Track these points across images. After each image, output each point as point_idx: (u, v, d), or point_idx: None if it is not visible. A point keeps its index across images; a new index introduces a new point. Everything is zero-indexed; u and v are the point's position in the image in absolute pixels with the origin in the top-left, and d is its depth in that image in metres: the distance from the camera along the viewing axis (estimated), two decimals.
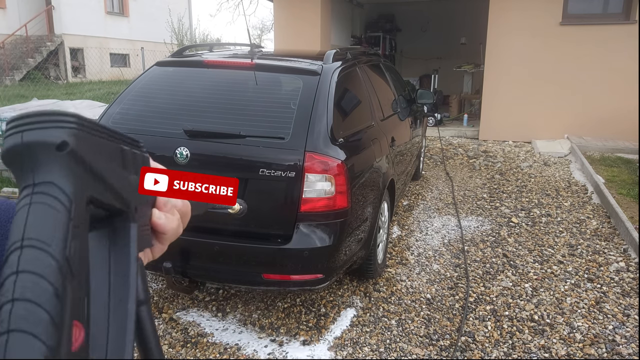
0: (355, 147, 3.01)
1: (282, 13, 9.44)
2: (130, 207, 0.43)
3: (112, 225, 0.42)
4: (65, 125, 0.36)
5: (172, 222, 0.51)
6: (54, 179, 0.35)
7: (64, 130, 0.35)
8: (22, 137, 0.35)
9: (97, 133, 0.39)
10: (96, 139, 0.39)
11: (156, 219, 0.50)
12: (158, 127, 2.90)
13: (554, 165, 6.72)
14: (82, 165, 0.36)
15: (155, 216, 0.50)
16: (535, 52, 7.92)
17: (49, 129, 0.35)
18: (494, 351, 2.76)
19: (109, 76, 18.64)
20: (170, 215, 0.52)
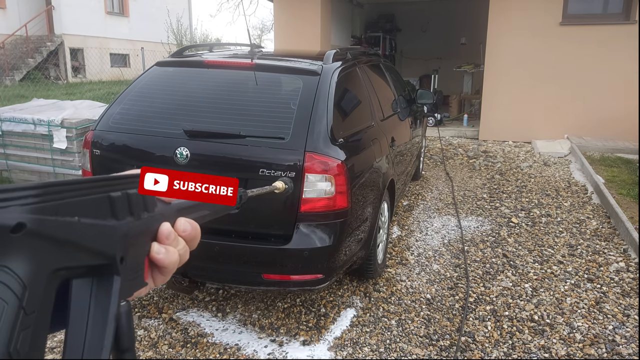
0: (355, 147, 3.01)
1: (282, 13, 9.44)
2: (113, 259, 0.41)
3: (96, 274, 0.41)
4: (23, 203, 0.34)
5: (172, 256, 0.49)
6: (8, 263, 0.33)
7: (22, 209, 0.34)
8: None
9: (70, 194, 0.37)
10: (69, 201, 0.37)
11: (154, 254, 0.48)
12: (158, 127, 2.90)
13: (554, 166, 6.72)
14: (45, 240, 0.35)
15: (153, 251, 0.48)
16: (535, 52, 7.93)
17: (3, 209, 0.33)
18: (494, 351, 2.76)
19: (109, 76, 18.64)
20: (172, 247, 0.49)
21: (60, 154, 5.32)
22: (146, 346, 2.82)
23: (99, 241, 0.40)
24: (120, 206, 0.42)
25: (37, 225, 0.34)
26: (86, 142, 3.01)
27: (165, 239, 0.49)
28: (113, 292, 0.41)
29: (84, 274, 0.40)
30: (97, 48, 18.52)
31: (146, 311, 3.13)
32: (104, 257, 0.41)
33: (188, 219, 0.53)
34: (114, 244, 0.42)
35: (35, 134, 5.33)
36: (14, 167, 5.65)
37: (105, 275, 0.41)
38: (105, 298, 0.41)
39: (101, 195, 0.41)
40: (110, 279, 0.41)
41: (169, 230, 0.50)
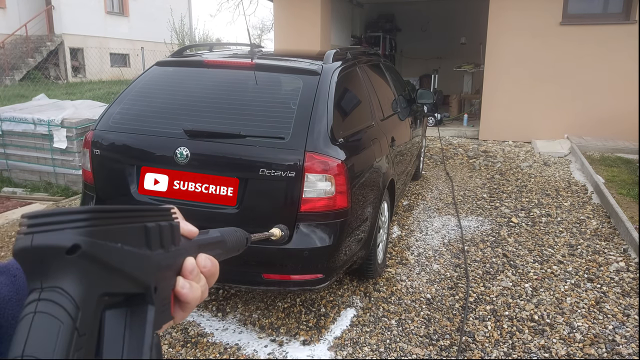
0: (355, 147, 3.01)
1: (282, 13, 9.44)
2: (149, 289, 0.42)
3: (131, 305, 0.41)
4: (77, 225, 0.35)
5: (195, 292, 0.49)
6: (62, 284, 0.34)
7: (77, 231, 0.35)
8: (32, 239, 0.35)
9: (115, 221, 0.38)
10: (114, 227, 0.38)
11: (180, 288, 0.48)
12: (158, 127, 2.90)
13: (554, 165, 6.72)
14: (95, 263, 0.36)
15: (179, 285, 0.48)
16: (535, 52, 7.93)
17: (60, 230, 0.35)
18: (494, 351, 2.76)
19: (109, 76, 18.65)
20: (195, 283, 0.50)
21: (60, 153, 5.32)
22: None
23: (138, 269, 0.41)
24: (154, 237, 0.43)
25: (90, 247, 0.35)
26: (86, 141, 3.01)
27: (189, 274, 0.49)
28: (148, 322, 0.41)
29: (118, 305, 0.40)
30: (97, 48, 18.52)
31: None
32: (141, 286, 0.41)
33: (208, 255, 0.53)
34: (150, 273, 0.42)
35: (35, 133, 5.33)
36: (14, 167, 5.65)
37: (139, 305, 0.41)
38: (139, 328, 0.41)
39: (138, 224, 0.41)
40: (144, 310, 0.41)
41: (193, 265, 0.50)
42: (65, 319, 0.33)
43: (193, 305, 0.50)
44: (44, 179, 5.56)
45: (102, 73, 18.53)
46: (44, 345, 0.32)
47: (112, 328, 0.39)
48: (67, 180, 5.45)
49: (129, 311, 0.41)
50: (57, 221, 0.35)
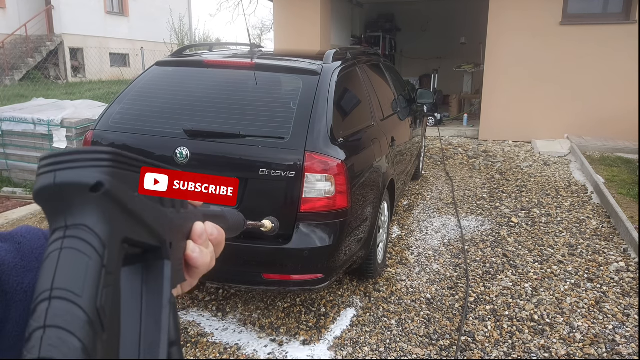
0: (355, 147, 3.01)
1: (282, 13, 9.44)
2: (165, 243, 0.41)
3: (146, 261, 0.41)
4: (100, 164, 0.34)
5: (205, 257, 0.49)
6: (87, 221, 0.33)
7: (99, 170, 0.34)
8: (55, 177, 0.34)
9: (133, 168, 0.38)
10: (132, 174, 0.38)
11: (190, 252, 0.47)
12: (158, 126, 2.90)
13: (554, 165, 6.72)
14: (118, 205, 0.35)
15: (189, 249, 0.47)
16: (535, 51, 7.92)
17: (83, 168, 0.34)
18: (494, 351, 2.76)
19: (108, 76, 18.64)
20: (205, 248, 0.49)
21: None
22: None
23: (155, 220, 0.40)
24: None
25: (113, 187, 0.35)
26: (86, 141, 3.01)
27: (199, 238, 0.49)
28: (165, 276, 0.40)
29: (134, 260, 0.40)
30: (97, 48, 18.52)
31: None
32: (158, 239, 0.41)
33: (214, 224, 0.53)
34: (165, 228, 0.42)
35: (35, 133, 5.33)
36: (14, 167, 5.65)
37: (155, 261, 0.41)
38: (157, 284, 0.40)
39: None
40: (161, 265, 0.41)
41: (202, 229, 0.50)
42: (92, 254, 0.33)
43: (201, 272, 0.49)
44: None
45: (102, 73, 18.53)
46: (74, 278, 0.31)
47: (129, 284, 0.38)
48: None
49: (144, 267, 0.40)
50: (79, 159, 0.34)
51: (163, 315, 0.39)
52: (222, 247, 0.55)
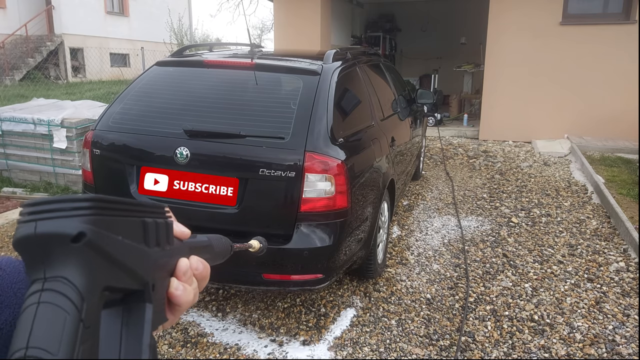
0: (355, 147, 3.01)
1: (282, 13, 9.44)
2: (147, 285, 0.41)
3: (127, 303, 0.40)
4: (82, 213, 0.34)
5: (188, 295, 0.48)
6: (66, 274, 0.33)
7: (81, 219, 0.33)
8: (36, 227, 0.33)
9: (116, 212, 0.37)
10: (115, 218, 0.37)
11: (173, 289, 0.46)
12: (158, 126, 2.90)
13: (554, 165, 6.72)
14: (99, 254, 0.34)
15: (172, 286, 0.46)
16: (535, 52, 7.92)
17: (64, 218, 0.33)
18: (494, 351, 2.76)
19: (109, 76, 18.64)
20: (188, 285, 0.48)
21: (60, 153, 5.32)
22: None
23: (138, 264, 0.39)
24: (151, 233, 0.42)
25: (95, 236, 0.34)
26: (86, 141, 3.01)
27: (183, 275, 0.48)
28: (146, 320, 0.39)
29: (114, 304, 0.39)
30: (97, 48, 18.52)
31: None
32: (140, 282, 0.40)
33: (199, 258, 0.52)
34: (148, 270, 0.41)
35: (35, 133, 5.33)
36: (14, 167, 5.65)
37: (136, 303, 0.40)
38: (137, 327, 0.39)
39: (137, 219, 0.40)
40: (142, 307, 0.40)
41: (187, 267, 0.48)
42: (70, 309, 0.32)
43: (184, 309, 0.48)
44: (44, 179, 5.56)
45: (102, 73, 18.53)
46: (49, 336, 0.31)
47: (108, 327, 0.38)
48: (67, 180, 5.45)
49: (125, 310, 0.39)
50: (60, 208, 0.34)
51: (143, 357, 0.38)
52: (206, 281, 0.54)
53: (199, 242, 0.53)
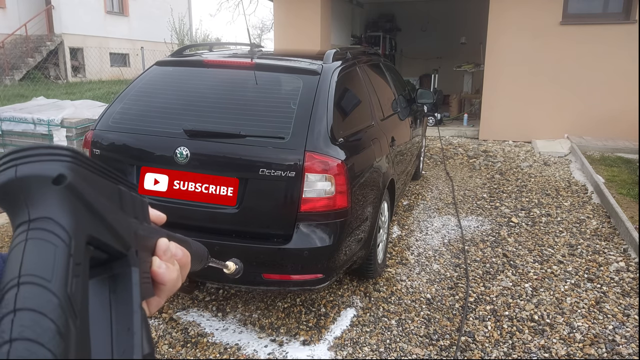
0: (355, 146, 3.01)
1: (282, 12, 9.44)
2: (131, 249, 0.40)
3: (112, 270, 0.39)
4: (61, 159, 0.34)
5: (172, 273, 0.47)
6: (51, 214, 0.32)
7: (61, 164, 0.33)
8: (17, 171, 0.33)
9: (94, 170, 0.37)
10: (94, 175, 0.36)
11: (156, 267, 0.45)
12: (158, 126, 2.90)
13: (554, 165, 6.72)
14: (80, 200, 0.34)
15: (155, 265, 0.45)
16: (535, 51, 7.92)
17: (44, 162, 0.33)
18: (494, 351, 2.76)
19: (108, 76, 18.64)
20: (171, 265, 0.47)
21: None
22: None
23: (119, 225, 0.38)
24: (127, 204, 0.41)
25: (75, 180, 0.34)
26: (86, 141, 3.01)
27: (163, 254, 0.47)
28: (134, 283, 0.39)
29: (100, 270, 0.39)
30: (97, 47, 18.52)
31: None
32: (123, 245, 0.39)
33: (179, 245, 0.51)
34: (130, 235, 0.40)
35: (35, 133, 5.33)
36: None
37: (122, 269, 0.40)
38: (126, 291, 0.39)
39: (113, 184, 0.39)
40: (128, 273, 0.39)
41: (167, 245, 0.47)
42: (59, 243, 0.32)
43: (168, 289, 0.47)
44: None
45: (102, 73, 18.53)
46: (42, 265, 0.30)
47: (96, 296, 0.37)
48: None
49: (111, 278, 0.39)
50: (40, 153, 0.33)
51: (134, 321, 0.37)
52: (187, 270, 0.52)
53: (177, 235, 0.53)
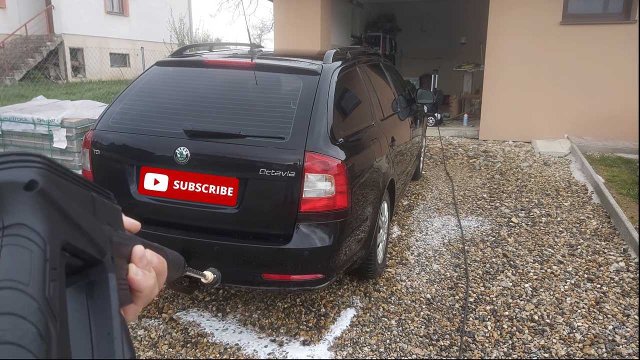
0: (355, 147, 3.01)
1: (282, 13, 9.44)
2: (106, 255, 0.40)
3: (89, 277, 0.39)
4: (32, 165, 0.33)
5: (149, 280, 0.46)
6: (24, 220, 0.32)
7: (32, 170, 0.33)
8: None
9: (66, 176, 0.36)
10: (65, 182, 0.36)
11: (133, 274, 0.45)
12: (158, 126, 2.90)
13: (554, 165, 6.72)
14: (53, 206, 0.34)
15: (132, 272, 0.45)
16: (535, 51, 7.93)
17: (15, 168, 0.33)
18: (494, 351, 2.76)
19: (109, 76, 18.65)
20: (147, 272, 0.47)
21: (60, 153, 5.32)
22: (146, 346, 2.82)
23: (93, 231, 0.38)
24: (100, 210, 0.41)
25: (47, 186, 0.33)
26: (86, 141, 3.01)
27: (139, 261, 0.46)
28: (111, 288, 0.39)
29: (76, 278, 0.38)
30: (97, 48, 18.52)
31: (146, 311, 3.13)
32: (98, 251, 0.39)
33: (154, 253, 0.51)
34: (105, 242, 0.40)
35: (35, 133, 5.33)
36: None
37: (98, 275, 0.39)
38: (104, 298, 0.38)
39: (86, 191, 0.39)
40: (105, 279, 0.39)
41: (142, 252, 0.47)
42: (35, 248, 0.31)
43: (145, 296, 0.47)
44: None
45: (102, 73, 18.53)
46: (18, 270, 0.30)
47: (73, 305, 0.37)
48: None
49: (87, 285, 0.39)
50: (11, 160, 0.33)
51: (114, 326, 0.37)
52: (164, 278, 0.52)
53: (152, 243, 0.52)
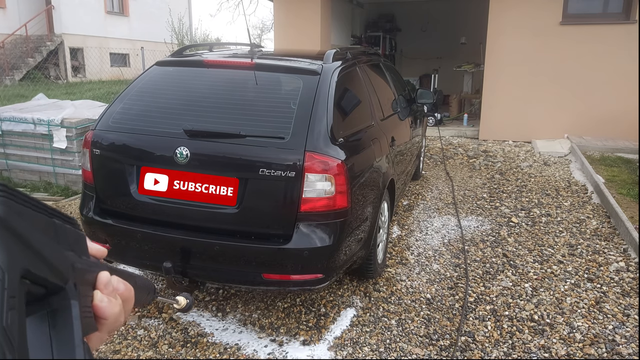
0: (355, 146, 3.01)
1: (282, 13, 9.44)
2: (69, 282, 0.39)
3: (51, 305, 0.38)
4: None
5: (114, 307, 0.45)
6: None
7: None
8: None
9: (26, 203, 0.36)
10: (26, 209, 0.36)
11: (98, 301, 0.44)
12: (158, 126, 2.90)
13: (554, 165, 6.72)
14: (13, 234, 0.33)
15: (97, 299, 0.44)
16: (535, 51, 7.93)
17: None
18: (494, 351, 2.76)
19: (109, 76, 18.65)
20: (113, 299, 0.46)
21: (60, 153, 5.32)
22: (146, 346, 2.82)
23: (55, 258, 0.38)
24: (62, 237, 0.40)
25: (7, 215, 0.33)
26: (86, 141, 3.01)
27: (105, 288, 0.45)
28: (74, 317, 0.38)
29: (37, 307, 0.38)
30: (97, 47, 18.52)
31: (146, 311, 3.13)
32: (60, 278, 0.38)
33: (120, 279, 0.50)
34: (67, 268, 0.39)
35: (35, 133, 5.33)
36: (14, 167, 5.65)
37: (61, 303, 0.38)
38: (66, 327, 0.38)
39: (48, 218, 0.39)
40: (67, 307, 0.38)
41: (108, 278, 0.46)
42: None
43: (111, 324, 0.46)
44: (44, 179, 5.56)
45: (102, 73, 18.53)
46: None
47: (35, 333, 0.36)
48: (67, 180, 5.45)
49: (50, 314, 0.38)
50: None
51: (77, 355, 0.37)
52: (131, 305, 0.51)
53: (120, 269, 0.52)
